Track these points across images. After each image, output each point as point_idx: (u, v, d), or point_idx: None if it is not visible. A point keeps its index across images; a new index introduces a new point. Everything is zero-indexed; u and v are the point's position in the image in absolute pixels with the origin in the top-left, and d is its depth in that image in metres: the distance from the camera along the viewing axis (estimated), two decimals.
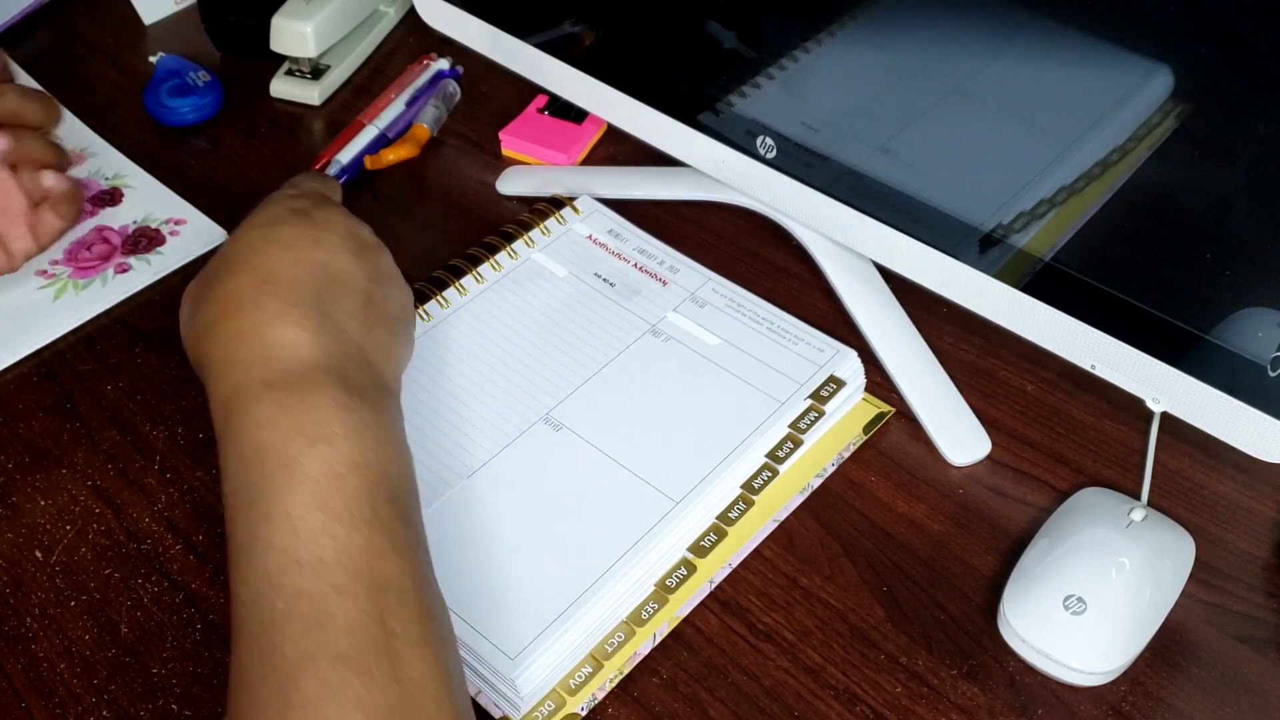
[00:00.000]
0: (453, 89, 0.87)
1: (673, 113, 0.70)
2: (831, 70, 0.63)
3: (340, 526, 0.43)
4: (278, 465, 0.44)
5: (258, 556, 0.44)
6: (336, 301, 0.51)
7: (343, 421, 0.46)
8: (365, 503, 0.44)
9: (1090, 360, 0.59)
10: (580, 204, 0.75)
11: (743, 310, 0.68)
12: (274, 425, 0.46)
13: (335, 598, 0.42)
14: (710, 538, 0.59)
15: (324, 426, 0.45)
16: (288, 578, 0.42)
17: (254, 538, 0.44)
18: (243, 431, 0.46)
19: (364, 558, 0.43)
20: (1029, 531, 0.59)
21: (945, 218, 0.61)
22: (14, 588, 0.60)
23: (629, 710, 0.55)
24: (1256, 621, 0.57)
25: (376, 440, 0.46)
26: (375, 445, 0.46)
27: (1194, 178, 0.52)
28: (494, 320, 0.68)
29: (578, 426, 0.63)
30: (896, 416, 0.66)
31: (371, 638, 0.42)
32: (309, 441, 0.45)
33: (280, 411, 0.46)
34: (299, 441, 0.45)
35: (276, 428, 0.45)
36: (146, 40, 0.94)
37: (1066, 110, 0.55)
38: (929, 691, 0.55)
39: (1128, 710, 0.54)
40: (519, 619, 0.55)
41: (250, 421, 0.46)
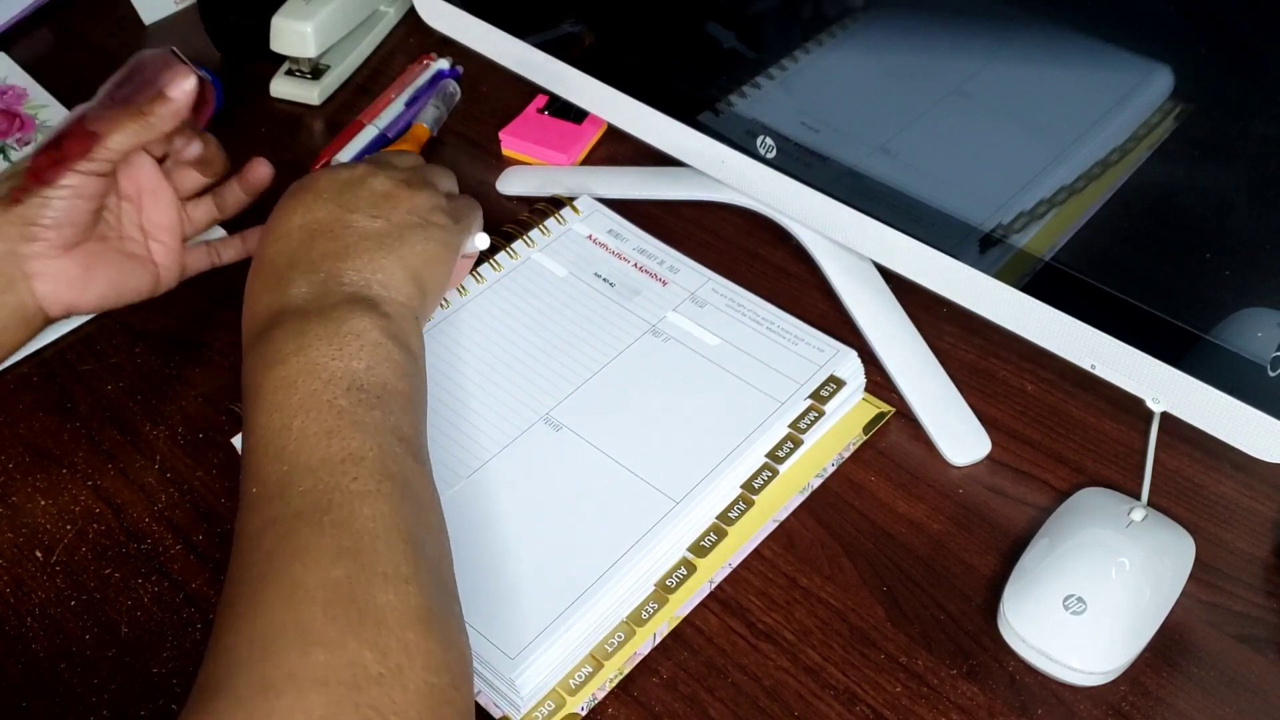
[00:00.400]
0: (453, 89, 0.87)
1: (673, 113, 0.70)
2: (831, 70, 0.63)
3: (296, 420, 0.50)
4: (252, 395, 0.53)
5: (244, 466, 0.51)
6: (310, 249, 0.58)
7: (293, 344, 0.53)
8: (320, 398, 0.51)
9: (1090, 360, 0.59)
10: (580, 204, 0.75)
11: (743, 310, 0.68)
12: (248, 370, 0.54)
13: (294, 474, 0.49)
14: (710, 537, 0.59)
15: (277, 352, 0.53)
16: (261, 468, 0.50)
17: (244, 452, 0.52)
18: (242, 386, 0.55)
19: (320, 440, 0.50)
20: (1029, 531, 0.59)
21: (945, 218, 0.61)
22: (14, 588, 0.60)
23: (629, 710, 0.55)
24: (1256, 621, 0.57)
25: (331, 346, 0.53)
26: (330, 351, 0.53)
27: (1194, 178, 0.52)
28: (494, 320, 0.68)
29: (578, 426, 0.63)
30: (896, 416, 0.66)
31: (324, 497, 0.48)
32: (267, 367, 0.53)
33: (251, 357, 0.55)
34: (261, 370, 0.53)
35: (249, 371, 0.54)
36: (147, 40, 0.94)
37: (1066, 110, 0.55)
38: (929, 691, 0.55)
39: (1127, 710, 0.54)
40: (519, 619, 0.55)
41: (242, 376, 0.55)
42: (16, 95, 0.88)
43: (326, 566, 0.46)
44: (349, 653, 0.43)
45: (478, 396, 0.64)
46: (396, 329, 0.56)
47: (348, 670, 0.43)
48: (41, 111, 0.87)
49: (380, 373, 0.53)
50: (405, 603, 0.46)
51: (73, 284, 0.64)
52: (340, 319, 0.54)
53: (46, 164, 0.61)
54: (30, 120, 0.86)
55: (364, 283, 0.57)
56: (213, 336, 0.71)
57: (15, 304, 0.62)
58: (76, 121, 0.62)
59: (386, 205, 0.60)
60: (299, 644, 0.43)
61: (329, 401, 0.51)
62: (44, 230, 0.62)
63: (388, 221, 0.60)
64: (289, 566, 0.46)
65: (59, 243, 0.62)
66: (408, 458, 0.52)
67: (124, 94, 0.63)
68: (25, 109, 0.87)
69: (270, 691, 0.42)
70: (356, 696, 0.42)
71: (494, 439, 0.62)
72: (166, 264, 0.68)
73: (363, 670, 0.43)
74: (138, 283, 0.67)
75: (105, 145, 0.62)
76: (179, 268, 0.69)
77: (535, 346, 0.67)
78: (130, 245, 0.67)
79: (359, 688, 0.43)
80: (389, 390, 0.53)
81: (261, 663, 0.43)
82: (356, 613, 0.44)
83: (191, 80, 0.63)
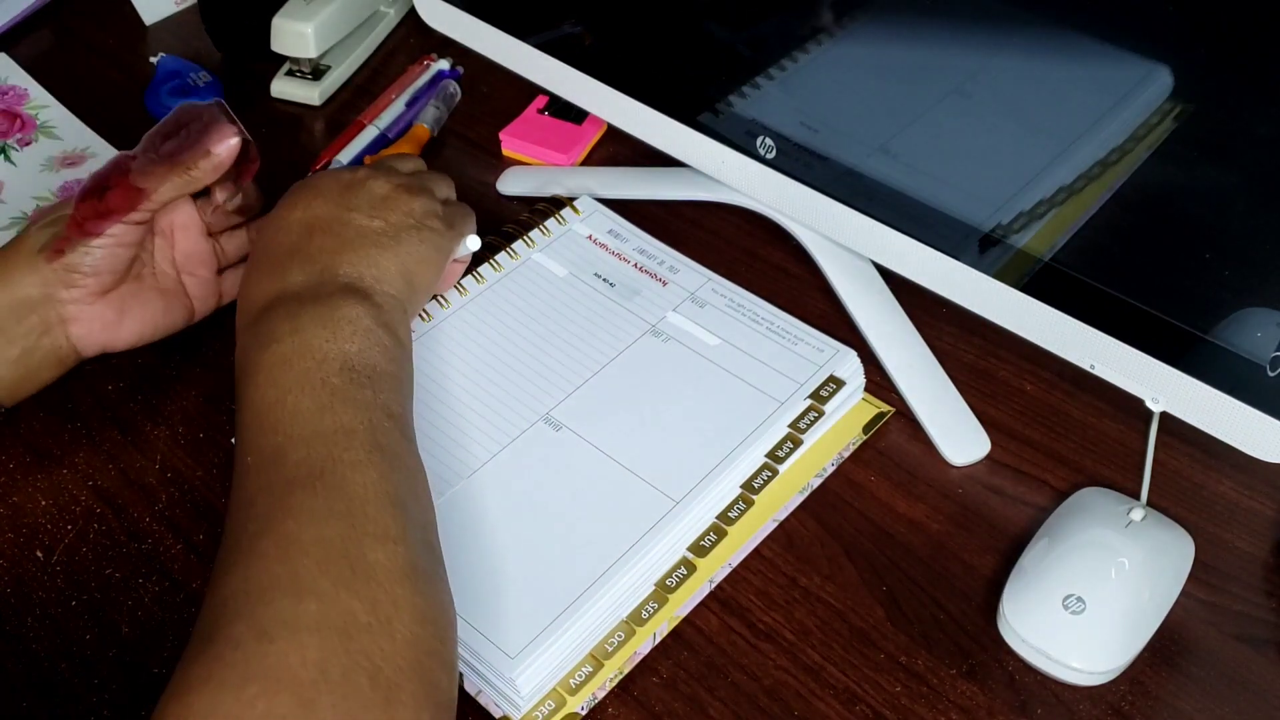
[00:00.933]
0: (453, 89, 0.87)
1: (673, 113, 0.70)
2: (831, 70, 0.63)
3: (290, 396, 0.53)
4: (247, 371, 0.55)
5: (239, 438, 0.54)
6: (309, 243, 0.60)
7: (289, 325, 0.55)
8: (314, 377, 0.53)
9: (1090, 360, 0.59)
10: (580, 204, 0.75)
11: (742, 310, 0.68)
12: (242, 349, 0.57)
13: (288, 445, 0.51)
14: (710, 537, 0.59)
15: (273, 332, 0.55)
16: (255, 440, 0.52)
17: (238, 426, 0.54)
18: (236, 363, 0.57)
19: (312, 415, 0.52)
20: (1028, 531, 0.59)
21: (945, 218, 0.61)
22: (14, 588, 0.60)
23: (629, 710, 0.55)
24: (1256, 621, 0.57)
25: (325, 329, 0.55)
26: (324, 333, 0.55)
27: (1193, 178, 0.53)
28: (494, 320, 0.68)
29: (578, 426, 0.63)
30: (896, 416, 0.66)
31: (317, 465, 0.50)
32: (261, 346, 0.55)
33: (248, 337, 0.57)
34: (257, 349, 0.55)
35: (243, 350, 0.57)
36: (147, 40, 0.94)
37: (1066, 110, 0.55)
38: (929, 691, 0.55)
39: (1127, 709, 0.54)
40: (519, 618, 0.55)
41: (237, 353, 0.57)
42: (17, 96, 0.88)
43: (319, 525, 0.48)
44: (340, 603, 0.46)
45: (478, 396, 0.64)
46: (387, 318, 0.58)
47: (339, 619, 0.45)
48: (42, 112, 0.87)
49: (370, 356, 0.56)
50: (394, 560, 0.48)
51: (107, 326, 0.65)
52: (335, 305, 0.56)
53: (90, 214, 0.62)
54: (31, 120, 0.86)
55: (358, 275, 0.59)
56: (213, 336, 0.71)
57: (51, 347, 0.64)
58: (120, 172, 0.63)
59: (384, 207, 0.62)
60: (293, 593, 0.46)
61: (322, 380, 0.53)
62: (83, 278, 0.63)
63: (385, 222, 0.62)
64: (283, 523, 0.48)
65: (96, 289, 0.64)
66: (396, 432, 0.54)
67: (170, 149, 0.64)
68: (26, 109, 0.87)
69: (265, 636, 0.44)
70: (347, 643, 0.45)
71: (494, 439, 0.62)
72: (201, 296, 0.69)
73: (353, 619, 0.45)
74: (172, 319, 0.68)
75: (150, 200, 0.63)
76: (215, 298, 0.70)
77: (535, 346, 0.67)
78: (164, 281, 0.67)
79: (349, 635, 0.45)
80: (378, 372, 0.55)
81: (257, 610, 0.46)
82: (348, 568, 0.47)
83: (235, 139, 0.64)
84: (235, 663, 0.44)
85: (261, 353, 0.55)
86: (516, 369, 0.66)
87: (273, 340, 0.55)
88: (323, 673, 0.44)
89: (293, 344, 0.54)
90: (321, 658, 0.44)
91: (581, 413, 0.63)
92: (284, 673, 0.44)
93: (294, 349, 0.54)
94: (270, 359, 0.54)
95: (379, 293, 0.59)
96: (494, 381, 0.65)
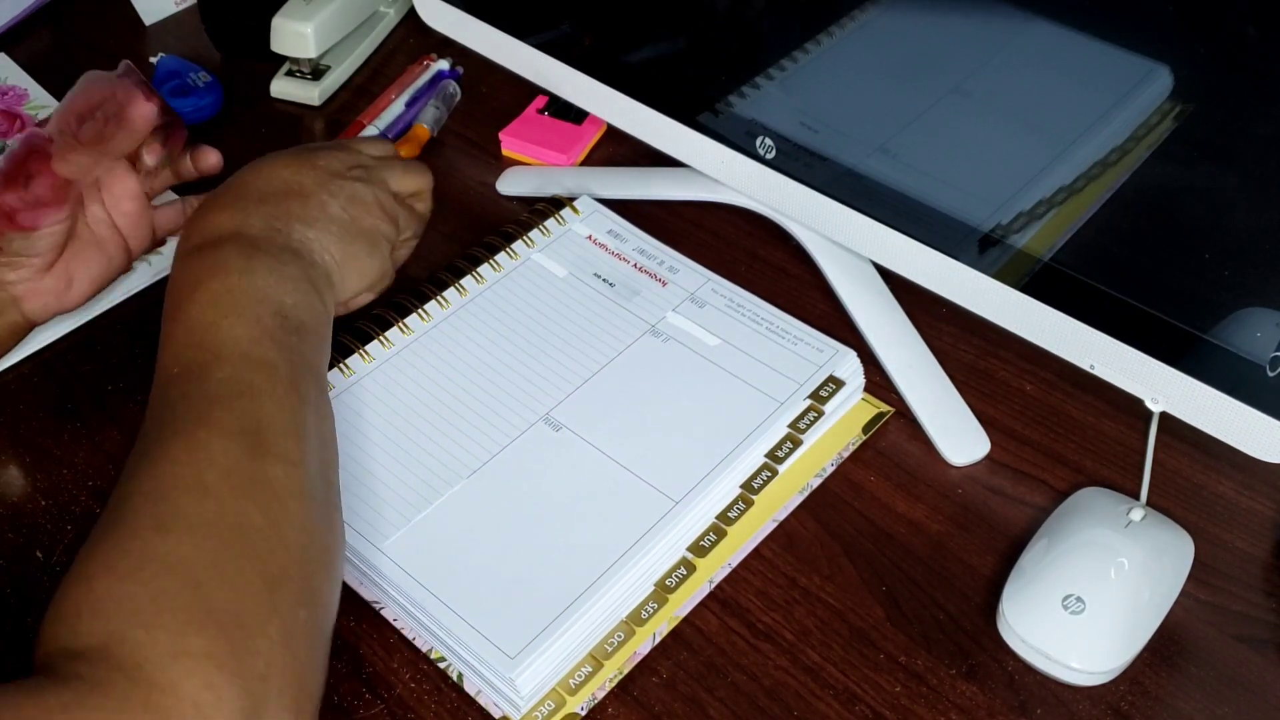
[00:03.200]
0: (453, 89, 0.87)
1: (673, 113, 0.70)
2: (831, 70, 0.63)
3: (225, 321, 0.56)
4: (188, 289, 0.58)
5: (165, 346, 0.57)
6: (282, 201, 0.63)
7: (241, 263, 0.59)
8: (252, 311, 0.57)
9: (1089, 360, 0.59)
10: (580, 204, 0.75)
11: (742, 310, 0.68)
12: (190, 267, 0.60)
13: (214, 363, 0.54)
14: (710, 537, 0.59)
15: (225, 263, 0.59)
16: (184, 352, 0.56)
17: (166, 337, 0.57)
18: (171, 280, 0.60)
19: (243, 342, 0.55)
20: (1028, 531, 0.59)
21: (945, 218, 0.61)
22: (14, 588, 0.60)
23: (629, 710, 0.55)
24: (1255, 621, 0.57)
25: (273, 276, 0.59)
26: (270, 279, 0.59)
27: (1193, 178, 0.53)
28: (494, 320, 0.68)
29: (578, 426, 0.63)
30: (896, 416, 0.66)
31: (237, 389, 0.53)
32: (211, 272, 0.58)
33: (196, 259, 0.60)
34: (205, 272, 0.59)
35: (189, 269, 0.60)
36: (147, 40, 0.94)
37: (1066, 110, 0.55)
38: (928, 691, 0.55)
39: (1127, 709, 0.54)
40: (519, 619, 0.55)
41: (176, 270, 0.60)
42: (17, 96, 0.88)
43: (229, 438, 0.52)
44: (237, 507, 0.50)
45: (478, 396, 0.64)
46: (322, 288, 0.62)
47: (234, 519, 0.49)
48: (42, 112, 0.87)
49: (303, 311, 0.59)
50: (291, 480, 0.52)
51: (59, 295, 0.67)
52: (285, 261, 0.60)
53: (19, 206, 0.63)
54: (31, 121, 0.86)
55: (313, 249, 0.63)
56: None
57: (6, 325, 0.66)
58: (40, 158, 0.63)
59: (359, 210, 0.65)
60: (195, 494, 0.50)
61: (258, 317, 0.57)
62: (27, 260, 0.65)
63: (353, 220, 0.65)
64: (195, 430, 0.52)
65: (42, 266, 0.66)
66: (312, 380, 0.58)
67: (90, 134, 0.64)
68: (26, 109, 0.87)
69: (162, 529, 0.48)
70: (240, 542, 0.49)
71: (494, 439, 0.62)
72: (137, 234, 0.69)
73: (247, 521, 0.49)
74: (114, 264, 0.69)
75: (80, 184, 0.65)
76: (150, 233, 0.70)
77: (535, 346, 0.67)
78: (100, 229, 0.68)
79: (243, 534, 0.49)
80: (306, 328, 0.59)
81: (159, 506, 0.49)
82: (248, 479, 0.51)
83: (152, 108, 0.65)
84: (133, 551, 0.48)
85: (210, 277, 0.58)
86: (516, 369, 0.66)
87: (222, 270, 0.58)
88: (215, 564, 0.48)
89: (240, 280, 0.58)
90: (216, 551, 0.48)
91: (581, 413, 0.63)
92: (179, 562, 0.47)
93: (241, 284, 0.58)
94: (217, 286, 0.57)
95: (320, 267, 0.63)
96: (494, 382, 0.65)
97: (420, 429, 0.63)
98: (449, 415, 0.64)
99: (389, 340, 0.67)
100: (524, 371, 0.66)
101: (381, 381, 0.66)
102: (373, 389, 0.65)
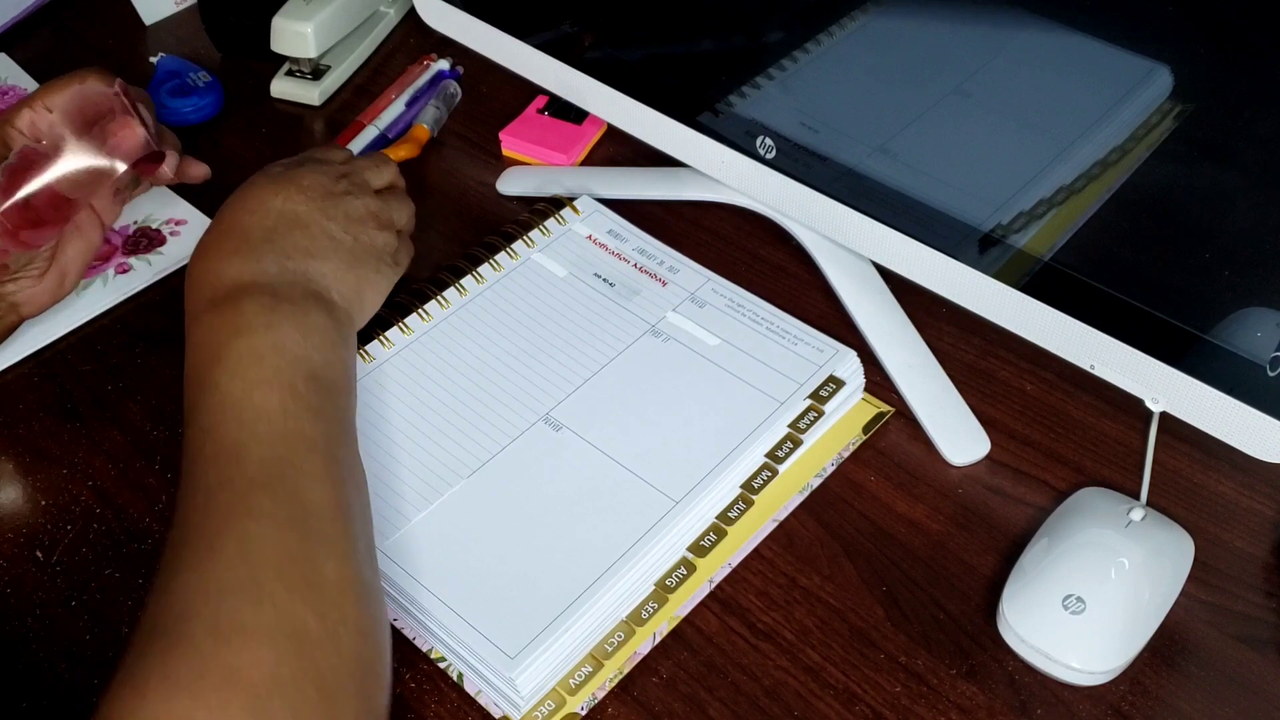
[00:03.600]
0: (453, 89, 0.87)
1: (673, 113, 0.70)
2: (831, 70, 0.63)
3: (257, 391, 0.54)
4: (211, 354, 0.56)
5: (195, 419, 0.54)
6: (286, 236, 0.61)
7: (265, 318, 0.56)
8: (282, 377, 0.54)
9: (1089, 360, 0.59)
10: (580, 204, 0.75)
11: (742, 310, 0.68)
12: (211, 327, 0.57)
13: (251, 442, 0.52)
14: (710, 537, 0.59)
15: (247, 321, 0.56)
16: (216, 428, 0.53)
17: (194, 407, 0.54)
18: (192, 339, 0.57)
19: (278, 416, 0.53)
20: (1028, 531, 0.59)
21: (945, 218, 0.61)
22: (14, 588, 0.60)
23: (629, 710, 0.55)
24: (1256, 621, 0.57)
25: (298, 332, 0.57)
26: (296, 336, 0.56)
27: (1193, 178, 0.52)
28: (494, 320, 0.68)
29: (578, 426, 0.63)
30: (896, 416, 0.66)
31: (278, 470, 0.51)
32: (235, 332, 0.56)
33: (217, 316, 0.57)
34: (227, 333, 0.56)
35: (212, 328, 0.57)
36: (147, 40, 0.94)
37: (1066, 110, 0.55)
38: (928, 691, 0.55)
39: (1127, 710, 0.54)
40: (519, 619, 0.55)
41: (197, 330, 0.57)
42: (17, 96, 0.88)
43: (279, 531, 0.49)
44: (295, 612, 0.47)
45: (477, 396, 0.64)
46: (346, 332, 0.61)
47: (292, 627, 0.47)
48: None
49: (333, 368, 0.58)
50: (343, 574, 0.50)
51: (54, 292, 0.69)
52: (307, 310, 0.58)
53: (22, 224, 0.65)
54: None
55: (327, 286, 0.61)
56: None
57: (3, 328, 0.68)
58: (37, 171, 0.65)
59: (358, 228, 0.64)
60: (251, 598, 0.47)
61: (290, 383, 0.54)
62: (27, 272, 0.67)
63: (355, 241, 0.64)
64: (244, 523, 0.49)
65: (39, 274, 0.68)
66: (348, 444, 0.56)
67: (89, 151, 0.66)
68: None
69: (222, 638, 0.45)
70: (299, 652, 0.46)
71: (494, 439, 0.62)
72: (104, 205, 0.70)
73: (305, 629, 0.47)
74: (94, 243, 0.70)
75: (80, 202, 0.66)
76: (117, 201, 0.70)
77: (535, 346, 0.67)
78: (80, 218, 0.69)
79: (301, 644, 0.46)
80: (336, 386, 0.57)
81: (215, 611, 0.46)
82: (302, 578, 0.48)
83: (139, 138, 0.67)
84: (191, 662, 0.45)
85: (233, 340, 0.55)
86: (516, 369, 0.66)
87: (246, 330, 0.56)
88: (275, 678, 0.45)
89: (267, 339, 0.55)
90: (275, 663, 0.45)
91: (581, 413, 0.63)
92: (239, 675, 0.44)
93: (267, 344, 0.55)
94: (241, 349, 0.55)
95: (340, 308, 0.61)
96: (494, 381, 0.65)
97: (420, 428, 0.63)
98: (449, 415, 0.64)
99: (389, 340, 0.67)
100: (524, 371, 0.66)
101: (382, 381, 0.66)
102: (373, 388, 0.65)
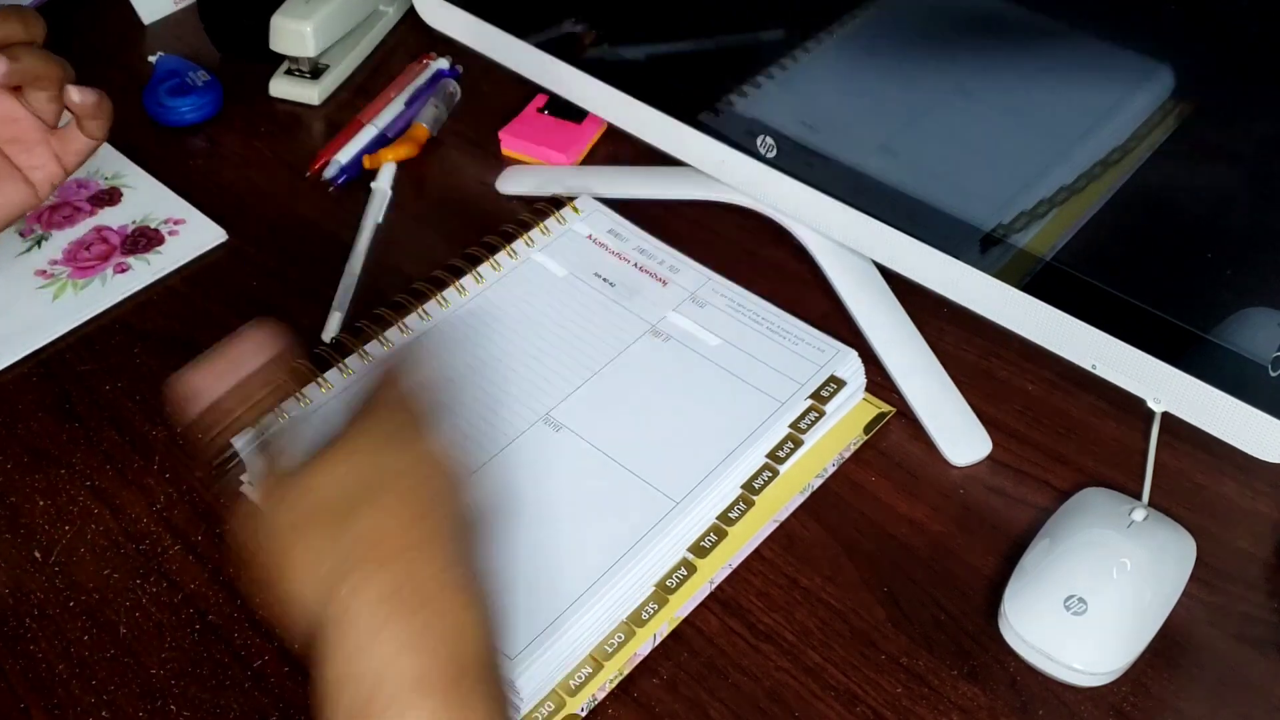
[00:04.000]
0: (453, 89, 0.87)
1: (673, 113, 0.70)
2: (832, 70, 0.63)
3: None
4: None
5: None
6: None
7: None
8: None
9: (1091, 360, 0.59)
10: (580, 204, 0.75)
11: (743, 310, 0.68)
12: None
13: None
14: (710, 538, 0.59)
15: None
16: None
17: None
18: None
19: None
20: (1030, 531, 0.59)
21: (946, 217, 0.61)
22: (13, 588, 0.60)
23: (629, 711, 0.55)
24: (1258, 622, 0.57)
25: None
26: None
27: (1194, 178, 0.52)
28: (494, 320, 0.68)
29: (578, 426, 0.63)
30: (897, 417, 0.66)
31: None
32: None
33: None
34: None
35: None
36: (146, 40, 0.94)
37: (1067, 109, 0.55)
38: (929, 692, 0.55)
39: (1129, 710, 0.54)
40: (519, 619, 0.55)
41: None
42: None
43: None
44: None
45: (477, 396, 0.64)
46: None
47: None
48: None
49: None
50: None
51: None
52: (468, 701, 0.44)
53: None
54: None
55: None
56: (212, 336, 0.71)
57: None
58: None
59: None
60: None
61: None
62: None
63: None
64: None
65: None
66: None
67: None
68: None
69: None
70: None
71: (494, 439, 0.62)
72: (38, 165, 0.67)
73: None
74: (16, 199, 0.67)
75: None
76: (55, 164, 0.68)
77: (535, 346, 0.67)
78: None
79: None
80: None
81: None
82: None
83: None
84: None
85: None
86: (516, 369, 0.66)
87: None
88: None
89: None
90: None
91: (581, 413, 0.63)
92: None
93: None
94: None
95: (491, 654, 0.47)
96: (494, 381, 0.65)
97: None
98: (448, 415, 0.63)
99: (389, 340, 0.67)
100: (524, 371, 0.65)
101: None
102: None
